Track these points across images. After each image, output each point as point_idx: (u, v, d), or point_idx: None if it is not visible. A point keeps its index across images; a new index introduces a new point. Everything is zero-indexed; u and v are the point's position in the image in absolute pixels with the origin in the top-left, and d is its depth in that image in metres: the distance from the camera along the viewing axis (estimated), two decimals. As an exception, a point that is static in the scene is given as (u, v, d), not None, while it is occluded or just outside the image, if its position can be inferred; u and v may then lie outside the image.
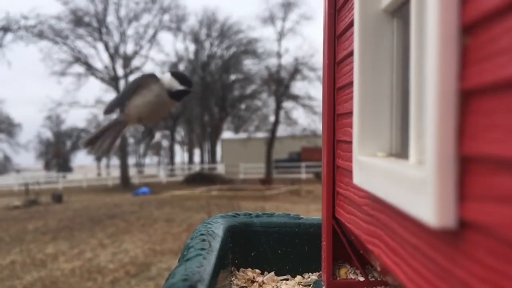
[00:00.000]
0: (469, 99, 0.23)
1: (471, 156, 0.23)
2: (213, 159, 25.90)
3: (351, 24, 0.43)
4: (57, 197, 12.58)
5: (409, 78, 0.30)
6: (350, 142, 0.41)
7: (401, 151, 0.35)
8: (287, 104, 21.02)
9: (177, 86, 1.23)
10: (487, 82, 0.22)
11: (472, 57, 0.23)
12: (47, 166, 33.73)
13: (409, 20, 0.30)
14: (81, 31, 19.81)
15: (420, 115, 0.29)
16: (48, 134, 33.08)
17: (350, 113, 0.43)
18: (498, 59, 0.21)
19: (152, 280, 4.49)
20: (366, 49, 0.36)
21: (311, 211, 8.46)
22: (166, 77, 1.24)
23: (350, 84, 0.43)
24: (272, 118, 21.27)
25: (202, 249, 0.45)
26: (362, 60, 0.36)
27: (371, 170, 0.34)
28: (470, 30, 0.23)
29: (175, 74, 1.24)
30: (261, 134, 22.16)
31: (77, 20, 19.45)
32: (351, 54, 0.43)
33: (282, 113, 20.79)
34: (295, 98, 20.60)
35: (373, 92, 0.36)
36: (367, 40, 0.36)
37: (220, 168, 24.44)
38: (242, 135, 22.80)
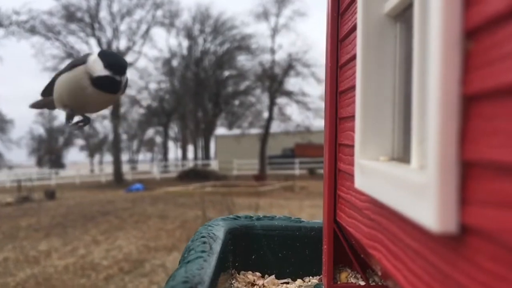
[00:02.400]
0: (471, 104, 0.23)
1: (473, 161, 0.23)
2: (206, 156, 25.86)
3: (354, 28, 0.43)
4: (50, 194, 12.50)
5: (411, 83, 0.30)
6: (352, 146, 0.41)
7: (403, 155, 0.35)
8: (281, 100, 21.05)
9: (99, 70, 0.91)
10: (490, 87, 0.22)
11: (475, 62, 0.23)
12: (40, 163, 33.49)
13: (412, 25, 0.30)
14: (73, 26, 19.69)
15: (422, 120, 0.29)
16: (40, 131, 32.85)
17: (352, 117, 0.43)
18: (500, 64, 0.21)
19: (146, 276, 4.48)
20: (369, 53, 0.36)
21: (305, 207, 8.48)
22: (91, 59, 0.93)
23: (353, 87, 0.43)
24: (265, 114, 21.29)
25: (203, 251, 0.45)
26: (364, 64, 0.36)
27: (373, 174, 0.34)
28: (473, 35, 0.23)
29: (102, 54, 0.93)
30: (254, 130, 22.15)
31: (69, 15, 19.30)
32: (354, 58, 0.43)
33: (275, 109, 20.82)
34: (288, 94, 20.63)
35: (376, 96, 0.36)
36: (370, 44, 0.36)
37: (214, 165, 24.42)
38: (236, 131, 22.77)
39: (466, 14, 0.24)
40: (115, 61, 0.93)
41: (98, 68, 0.91)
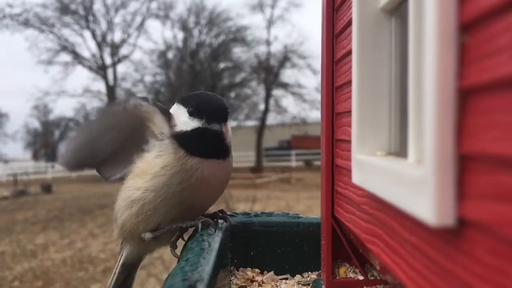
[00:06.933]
0: (467, 98, 0.23)
1: (470, 154, 0.23)
2: (203, 148, 25.72)
3: (349, 23, 0.43)
4: (46, 187, 12.47)
5: (407, 77, 0.30)
6: (349, 141, 0.41)
7: (400, 150, 0.35)
8: (277, 92, 21.00)
9: (183, 123, 0.63)
10: (486, 80, 0.21)
11: (471, 56, 0.23)
12: (36, 156, 33.28)
13: (407, 19, 0.30)
14: (67, 19, 19.44)
15: (419, 114, 0.29)
16: (35, 124, 32.55)
17: (349, 112, 0.43)
18: (496, 57, 0.20)
19: (144, 269, 4.49)
20: (365, 48, 0.35)
21: (302, 199, 8.49)
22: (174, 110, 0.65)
23: (349, 83, 0.43)
24: (262, 106, 21.22)
25: (202, 249, 0.45)
26: (360, 59, 0.36)
27: (370, 169, 0.34)
28: (468, 29, 0.23)
29: (184, 99, 0.67)
30: (251, 123, 22.08)
31: (63, 7, 19.07)
32: (349, 53, 0.43)
33: (271, 101, 20.77)
34: (284, 86, 20.58)
35: (372, 91, 0.36)
36: (366, 39, 0.35)
37: (210, 157, 24.27)
38: (232, 123, 22.64)
39: (461, 7, 0.23)
40: (206, 101, 0.62)
41: (181, 118, 0.60)
